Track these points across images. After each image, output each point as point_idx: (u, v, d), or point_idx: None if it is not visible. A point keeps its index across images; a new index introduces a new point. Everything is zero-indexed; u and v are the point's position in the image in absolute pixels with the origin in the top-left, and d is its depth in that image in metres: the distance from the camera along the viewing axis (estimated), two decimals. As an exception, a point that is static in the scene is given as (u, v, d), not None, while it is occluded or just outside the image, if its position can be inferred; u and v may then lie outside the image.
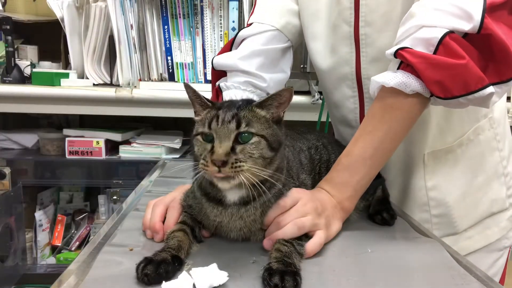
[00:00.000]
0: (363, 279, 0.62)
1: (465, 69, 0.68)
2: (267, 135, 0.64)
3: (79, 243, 2.01)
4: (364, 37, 0.89)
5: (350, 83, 0.95)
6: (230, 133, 0.62)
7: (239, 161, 0.61)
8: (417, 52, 0.70)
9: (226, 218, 0.69)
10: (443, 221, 0.95)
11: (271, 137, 0.64)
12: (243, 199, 0.68)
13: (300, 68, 1.78)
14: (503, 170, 0.98)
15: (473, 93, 0.69)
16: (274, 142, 0.64)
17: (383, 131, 0.75)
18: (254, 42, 0.99)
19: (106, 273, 0.60)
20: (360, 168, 0.76)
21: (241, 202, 0.68)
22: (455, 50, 0.68)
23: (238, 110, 0.64)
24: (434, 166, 0.94)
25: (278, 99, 0.65)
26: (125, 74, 1.83)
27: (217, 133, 0.62)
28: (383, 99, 0.76)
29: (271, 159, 0.65)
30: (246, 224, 0.70)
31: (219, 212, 0.69)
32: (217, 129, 0.62)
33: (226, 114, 0.63)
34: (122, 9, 1.78)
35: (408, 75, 0.71)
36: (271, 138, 0.64)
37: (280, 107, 0.67)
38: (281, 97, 0.65)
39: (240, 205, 0.68)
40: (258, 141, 0.63)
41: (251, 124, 0.63)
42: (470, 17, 0.67)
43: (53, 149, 1.88)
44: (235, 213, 0.68)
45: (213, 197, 0.69)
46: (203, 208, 0.71)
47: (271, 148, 0.64)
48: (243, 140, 0.62)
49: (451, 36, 0.68)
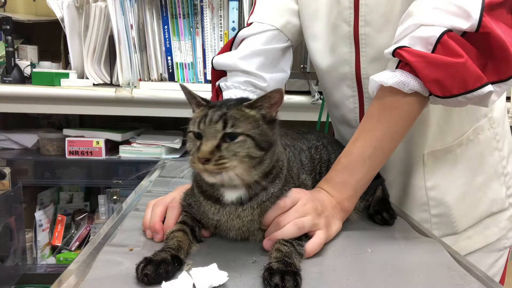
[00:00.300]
0: (363, 279, 0.62)
1: (464, 68, 0.68)
2: (254, 135, 0.64)
3: (79, 243, 2.01)
4: (363, 37, 0.89)
5: (349, 83, 0.95)
6: (216, 133, 0.63)
7: (223, 158, 0.62)
8: (415, 51, 0.70)
9: (224, 217, 0.69)
10: (442, 221, 0.95)
11: (259, 137, 0.64)
12: (240, 198, 0.68)
13: (300, 68, 1.78)
14: (502, 170, 0.98)
15: (471, 92, 0.69)
16: (263, 142, 0.65)
17: (382, 130, 0.75)
18: (254, 42, 0.99)
19: (106, 273, 0.60)
20: (360, 168, 0.76)
21: (238, 202, 0.68)
22: (453, 49, 0.68)
23: (227, 109, 0.65)
24: (433, 166, 0.94)
25: (269, 100, 0.65)
26: (125, 74, 1.83)
27: (205, 132, 0.64)
28: (382, 99, 0.76)
29: (261, 159, 0.65)
30: (244, 223, 0.70)
31: (216, 211, 0.69)
32: (205, 128, 0.64)
33: (215, 114, 0.64)
34: (122, 9, 1.78)
35: (407, 74, 0.71)
36: (258, 137, 0.64)
37: (272, 108, 0.66)
38: (271, 98, 0.65)
39: (238, 205, 0.68)
40: (243, 140, 0.63)
41: (237, 124, 0.63)
42: (469, 15, 0.67)
43: (53, 149, 1.88)
44: (233, 212, 0.69)
45: (210, 195, 0.70)
46: (201, 206, 0.71)
47: (259, 147, 0.64)
48: (230, 139, 0.63)
49: (450, 34, 0.68)
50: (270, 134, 0.66)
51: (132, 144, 1.86)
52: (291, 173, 0.74)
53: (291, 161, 0.76)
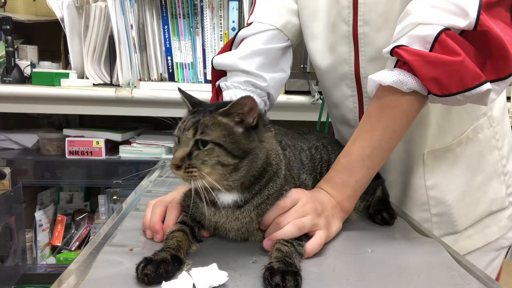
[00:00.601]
0: (363, 279, 0.62)
1: (461, 66, 0.68)
2: (224, 143, 0.63)
3: (79, 243, 2.01)
4: (362, 36, 0.89)
5: (349, 82, 0.95)
6: (188, 140, 0.64)
7: (192, 167, 0.63)
8: (413, 50, 0.70)
9: (222, 219, 0.69)
10: (443, 220, 0.95)
11: (231, 145, 0.63)
12: (235, 202, 0.68)
13: (300, 68, 1.78)
14: (502, 169, 0.98)
15: (470, 90, 0.69)
16: (235, 149, 0.64)
17: (380, 130, 0.75)
18: (254, 42, 0.99)
19: (106, 273, 0.60)
20: (359, 167, 0.76)
21: (234, 205, 0.68)
22: (451, 47, 0.68)
23: (202, 117, 0.65)
24: (433, 165, 0.94)
25: (241, 107, 0.64)
26: (125, 74, 1.83)
27: (180, 138, 0.65)
28: (380, 98, 0.76)
29: (235, 167, 0.64)
30: (243, 225, 0.70)
31: (213, 213, 0.69)
32: (180, 135, 0.65)
33: (189, 121, 0.65)
34: (122, 9, 1.78)
35: (405, 73, 0.71)
36: (230, 146, 0.63)
37: (247, 115, 0.65)
38: (242, 106, 0.64)
39: (234, 208, 0.68)
40: (211, 148, 0.63)
41: (206, 131, 0.63)
42: (466, 13, 0.67)
43: (53, 149, 1.88)
44: (230, 214, 0.68)
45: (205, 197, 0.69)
46: (199, 208, 0.71)
47: (232, 155, 0.63)
48: (203, 146, 0.63)
49: (447, 33, 0.68)
50: (245, 142, 0.65)
51: (132, 144, 1.86)
52: (291, 173, 0.74)
53: (291, 161, 0.76)
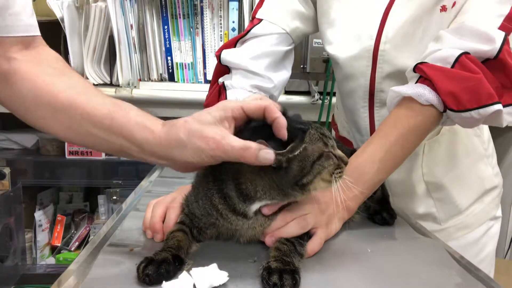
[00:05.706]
0: (363, 279, 0.62)
1: (479, 82, 0.72)
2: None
3: (78, 243, 2.01)
4: (383, 53, 0.90)
5: (362, 95, 0.97)
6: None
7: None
8: (434, 65, 0.76)
9: (244, 226, 0.67)
10: (446, 202, 1.00)
11: None
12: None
13: (300, 68, 1.78)
14: (485, 152, 1.03)
15: (484, 107, 0.72)
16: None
17: (394, 136, 0.78)
18: (264, 43, 0.99)
19: (106, 273, 0.60)
20: (368, 169, 0.77)
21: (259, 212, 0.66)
22: (470, 67, 0.73)
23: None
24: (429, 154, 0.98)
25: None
26: (125, 74, 1.83)
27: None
28: (399, 109, 0.80)
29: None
30: (262, 229, 0.68)
31: (236, 221, 0.67)
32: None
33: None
34: (122, 9, 1.78)
35: (424, 87, 0.75)
36: None
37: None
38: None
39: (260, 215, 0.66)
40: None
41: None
42: (493, 40, 0.74)
43: (52, 149, 1.88)
44: (254, 221, 0.67)
45: (234, 208, 0.66)
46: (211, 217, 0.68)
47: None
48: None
49: (468, 56, 0.74)
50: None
51: (132, 144, 1.85)
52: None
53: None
